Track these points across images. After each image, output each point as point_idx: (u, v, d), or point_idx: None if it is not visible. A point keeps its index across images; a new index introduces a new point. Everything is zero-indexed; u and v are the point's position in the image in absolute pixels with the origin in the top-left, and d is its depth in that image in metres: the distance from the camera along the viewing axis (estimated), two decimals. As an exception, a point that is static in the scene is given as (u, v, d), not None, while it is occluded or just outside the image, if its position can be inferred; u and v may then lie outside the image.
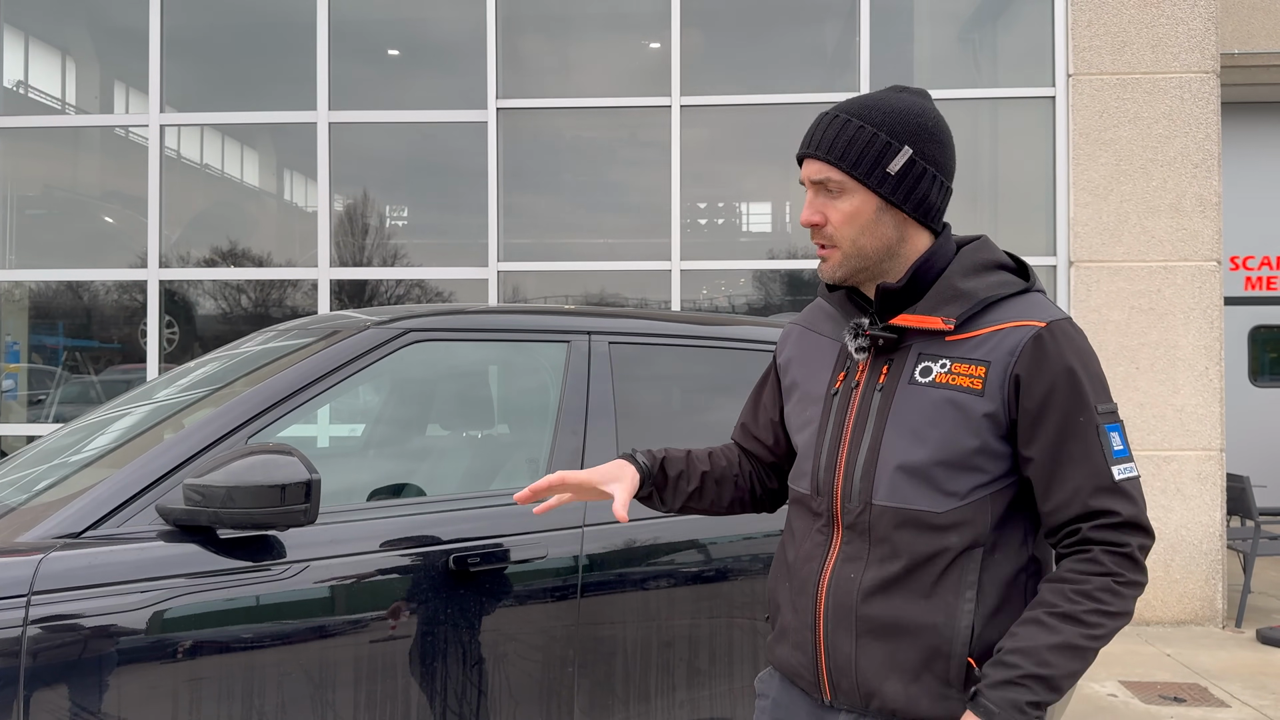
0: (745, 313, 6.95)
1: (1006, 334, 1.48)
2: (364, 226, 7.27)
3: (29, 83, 7.49)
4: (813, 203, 1.57)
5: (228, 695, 2.10)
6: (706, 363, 2.97)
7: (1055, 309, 1.51)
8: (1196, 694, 4.90)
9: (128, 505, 2.16)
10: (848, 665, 1.52)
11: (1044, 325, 1.47)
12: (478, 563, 2.38)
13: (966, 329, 1.51)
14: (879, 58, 6.81)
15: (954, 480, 1.48)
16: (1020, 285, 1.54)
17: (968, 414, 1.47)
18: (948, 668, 1.47)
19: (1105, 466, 1.45)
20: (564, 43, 7.36)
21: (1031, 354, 1.46)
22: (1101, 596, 1.42)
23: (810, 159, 1.57)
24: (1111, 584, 1.43)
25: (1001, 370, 1.46)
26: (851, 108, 1.55)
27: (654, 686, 2.57)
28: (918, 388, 1.51)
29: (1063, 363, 1.46)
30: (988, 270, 1.55)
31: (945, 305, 1.52)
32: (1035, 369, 1.46)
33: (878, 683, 1.50)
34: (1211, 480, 6.34)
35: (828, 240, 1.56)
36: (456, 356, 2.89)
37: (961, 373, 1.48)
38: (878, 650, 1.50)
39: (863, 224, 1.53)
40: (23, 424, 7.40)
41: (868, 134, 1.52)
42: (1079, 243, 6.49)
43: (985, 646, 1.48)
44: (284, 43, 7.28)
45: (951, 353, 1.50)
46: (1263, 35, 7.93)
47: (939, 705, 1.48)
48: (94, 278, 7.29)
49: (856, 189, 1.53)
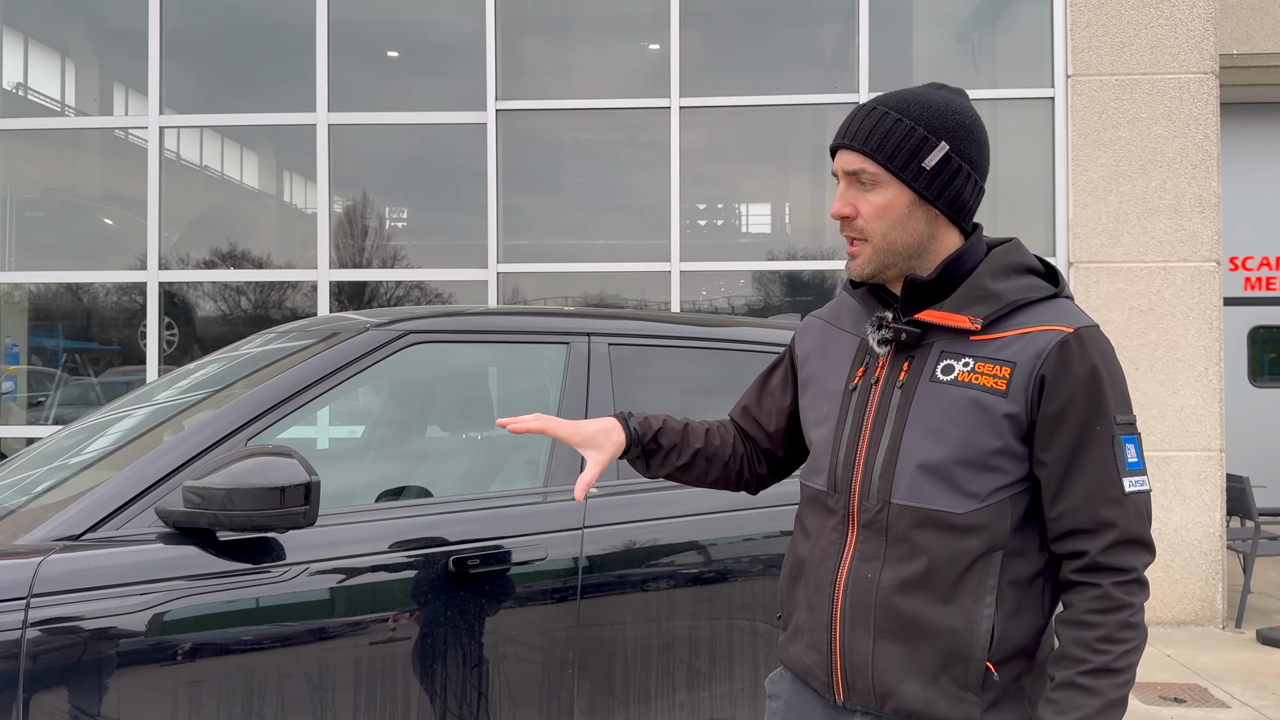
0: (745, 314, 6.95)
1: (1034, 337, 1.47)
2: (363, 228, 7.27)
3: (28, 85, 7.49)
4: (845, 194, 1.55)
5: (227, 698, 2.10)
6: (706, 364, 2.97)
7: (1084, 316, 1.50)
8: (1196, 694, 4.89)
9: (127, 507, 2.16)
10: (864, 665, 1.51)
11: (1072, 331, 1.46)
12: (478, 564, 2.38)
13: (992, 330, 1.49)
14: (878, 59, 6.81)
15: (975, 481, 1.47)
16: (1049, 290, 1.52)
17: (990, 414, 1.46)
18: (966, 671, 1.46)
19: (1116, 477, 1.45)
20: (563, 44, 7.36)
21: (1058, 358, 1.45)
22: (1123, 637, 1.43)
23: (845, 150, 1.55)
24: (1128, 619, 1.43)
25: (1027, 372, 1.45)
26: (890, 101, 1.54)
27: (654, 688, 2.57)
28: (939, 385, 1.49)
29: (1087, 369, 1.45)
30: (1018, 273, 1.54)
31: (973, 305, 1.50)
32: (1061, 373, 1.45)
33: (895, 683, 1.49)
34: (1211, 481, 6.34)
35: (858, 233, 1.54)
36: (456, 358, 2.89)
37: (985, 372, 1.47)
38: (896, 651, 1.49)
39: (895, 218, 1.52)
40: (22, 426, 7.40)
41: (905, 127, 1.50)
42: (1078, 243, 6.50)
43: (1004, 651, 1.47)
44: (283, 44, 7.28)
45: (975, 352, 1.49)
46: (1261, 36, 7.93)
47: (955, 708, 1.47)
48: (93, 280, 7.29)
49: (890, 182, 1.51)
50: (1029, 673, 1.50)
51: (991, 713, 1.47)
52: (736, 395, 2.95)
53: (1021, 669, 1.49)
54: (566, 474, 2.64)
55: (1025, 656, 1.49)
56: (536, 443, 2.76)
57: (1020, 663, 1.49)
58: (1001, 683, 1.47)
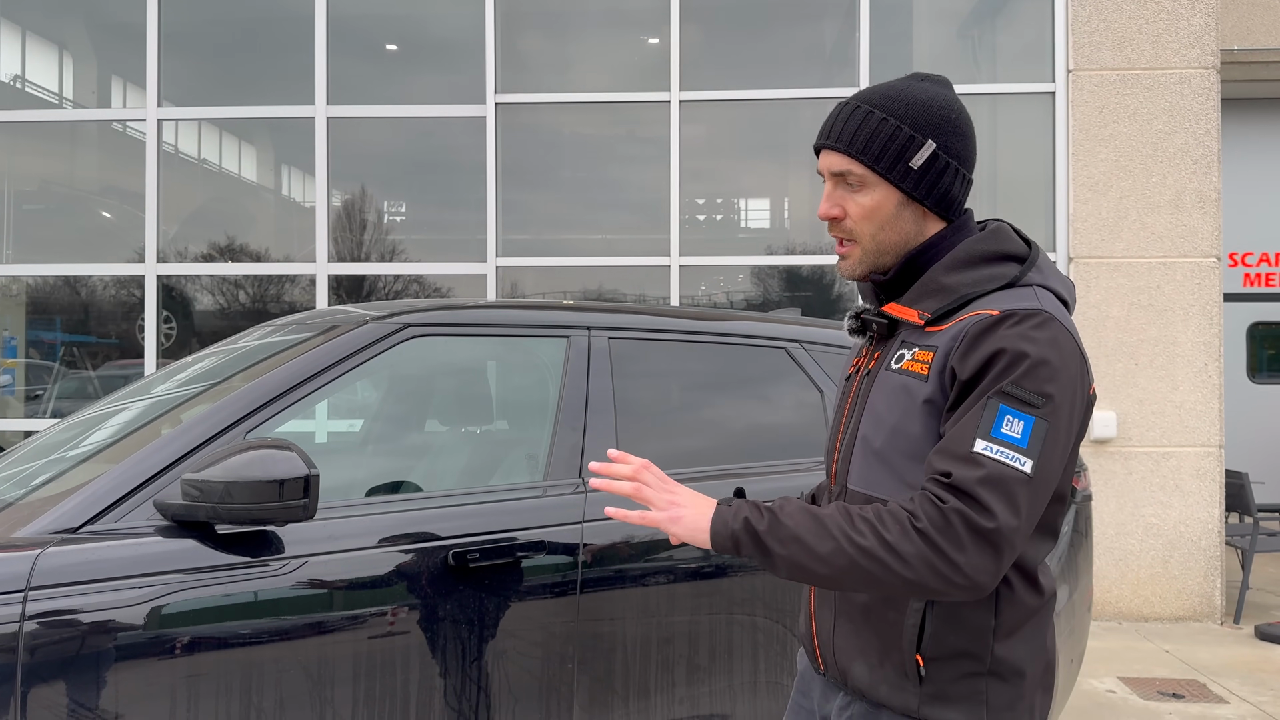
0: (744, 308, 6.94)
1: (962, 324, 1.43)
2: (362, 222, 7.26)
3: (26, 77, 7.47)
4: (831, 195, 1.53)
5: (226, 691, 2.09)
6: (706, 358, 2.97)
7: (1030, 302, 1.42)
8: (1195, 690, 4.90)
9: (125, 500, 2.15)
10: (828, 642, 1.58)
11: (998, 314, 1.40)
12: (477, 558, 2.37)
13: (941, 323, 1.47)
14: (878, 53, 6.79)
15: (912, 471, 1.45)
16: (1006, 279, 1.47)
17: (913, 399, 1.45)
18: (901, 661, 1.47)
19: (970, 435, 1.34)
20: (563, 37, 7.34)
21: (970, 340, 1.39)
22: (887, 521, 1.34)
23: (830, 150, 1.53)
24: (907, 520, 1.33)
25: (943, 356, 1.43)
26: (873, 98, 1.51)
27: (653, 683, 2.57)
28: (888, 374, 1.52)
29: (994, 347, 1.37)
30: (982, 263, 1.49)
31: (925, 299, 1.50)
32: (966, 354, 1.39)
33: (848, 662, 1.54)
34: (1210, 477, 6.34)
35: (847, 234, 1.54)
36: (455, 352, 2.88)
37: (916, 359, 1.47)
38: (850, 631, 1.54)
39: (883, 219, 1.51)
40: (20, 419, 7.38)
41: (890, 126, 1.48)
42: (1079, 239, 6.49)
43: (938, 649, 1.45)
44: (282, 37, 7.26)
45: (921, 342, 1.49)
46: (1262, 31, 7.91)
47: (896, 695, 1.48)
48: (91, 273, 7.27)
49: (878, 183, 1.50)
50: (988, 677, 1.45)
51: (932, 707, 1.45)
52: (736, 389, 2.95)
53: (968, 670, 1.45)
54: (566, 468, 2.63)
55: (970, 658, 1.45)
56: (536, 438, 2.75)
57: (963, 664, 1.45)
58: (943, 679, 1.45)
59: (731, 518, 1.42)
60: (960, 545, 1.31)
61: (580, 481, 2.62)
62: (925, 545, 1.32)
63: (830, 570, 1.35)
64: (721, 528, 1.42)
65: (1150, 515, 6.36)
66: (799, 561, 1.37)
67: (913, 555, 1.32)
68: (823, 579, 1.37)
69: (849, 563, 1.34)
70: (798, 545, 1.37)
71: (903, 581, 1.33)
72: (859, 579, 1.35)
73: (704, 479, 2.74)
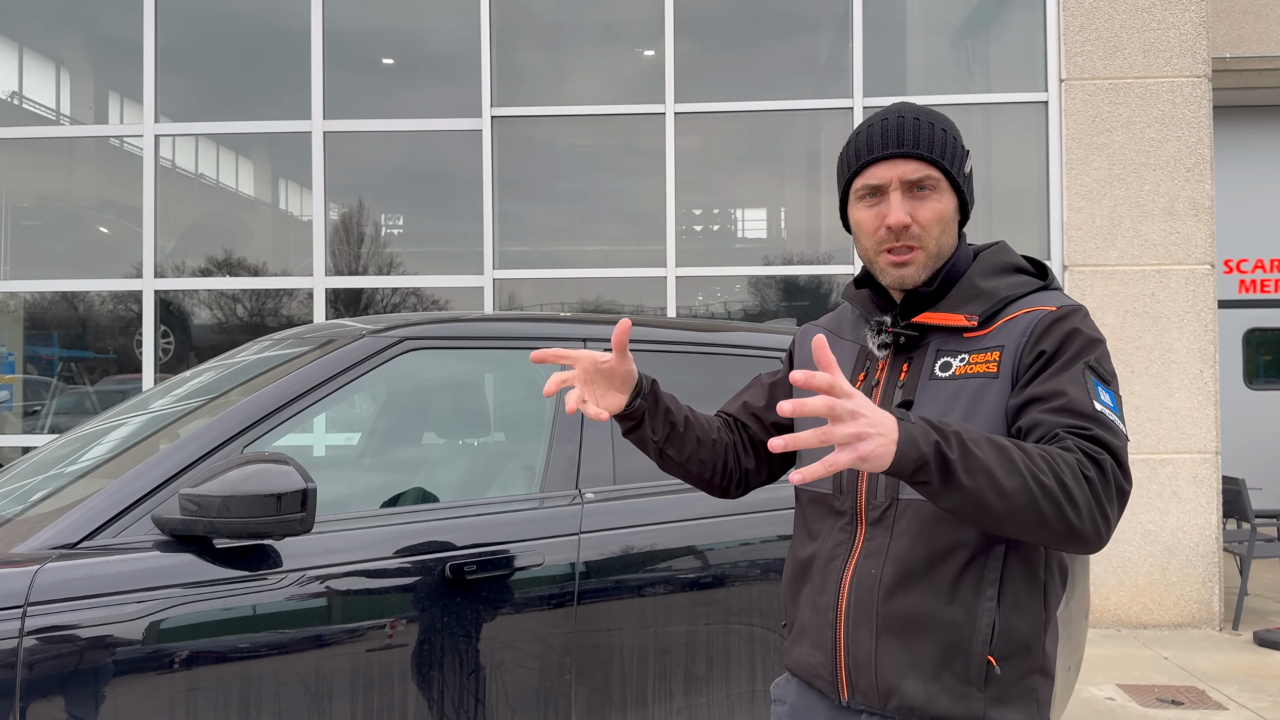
0: (741, 319, 6.95)
1: (1019, 319, 1.51)
2: (359, 235, 7.27)
3: (23, 93, 7.49)
4: (902, 204, 1.54)
5: (224, 705, 2.10)
6: (702, 369, 2.98)
7: (1071, 301, 1.54)
8: (1194, 697, 4.90)
9: (123, 515, 2.16)
10: (868, 663, 1.50)
11: (1055, 309, 1.50)
12: (474, 570, 2.38)
13: (986, 326, 1.53)
14: (872, 64, 6.83)
15: None
16: (1037, 284, 1.57)
17: (985, 399, 1.47)
18: (968, 666, 1.46)
19: (1085, 396, 1.40)
20: (558, 51, 7.38)
21: (1044, 327, 1.48)
22: (1059, 464, 1.30)
23: (902, 159, 1.54)
24: (1078, 467, 1.32)
25: (1014, 350, 1.48)
26: (919, 112, 1.57)
27: (651, 693, 2.57)
28: (939, 382, 1.51)
29: (1069, 328, 1.47)
30: (1007, 272, 1.58)
31: (968, 304, 1.54)
32: (1044, 335, 1.47)
33: (897, 680, 1.48)
34: (1207, 483, 6.35)
35: (915, 241, 1.54)
36: (452, 365, 2.89)
37: (978, 361, 1.50)
38: (897, 647, 1.48)
39: (946, 224, 1.56)
40: (18, 435, 7.38)
41: (949, 136, 1.56)
42: (1073, 247, 6.51)
43: (1007, 645, 1.46)
44: (279, 52, 7.29)
45: (970, 348, 1.52)
46: (1254, 39, 7.96)
47: (958, 704, 1.46)
48: (89, 288, 7.28)
49: (947, 189, 1.56)
50: (1038, 674, 1.49)
51: (998, 709, 1.46)
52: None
53: (1028, 667, 1.48)
54: (562, 480, 2.64)
55: (1029, 653, 1.48)
56: (532, 450, 2.76)
57: (1025, 659, 1.48)
58: (1007, 679, 1.46)
59: (921, 438, 1.26)
60: (1112, 500, 1.33)
61: (577, 493, 2.63)
62: (1091, 495, 1.31)
63: (1007, 508, 1.27)
64: (910, 449, 1.25)
65: (1148, 522, 6.37)
66: (980, 496, 1.27)
67: (1083, 502, 1.30)
68: (992, 516, 1.28)
69: (1028, 501, 1.27)
70: (986, 478, 1.26)
71: (1066, 529, 1.30)
72: (1024, 521, 1.29)
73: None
